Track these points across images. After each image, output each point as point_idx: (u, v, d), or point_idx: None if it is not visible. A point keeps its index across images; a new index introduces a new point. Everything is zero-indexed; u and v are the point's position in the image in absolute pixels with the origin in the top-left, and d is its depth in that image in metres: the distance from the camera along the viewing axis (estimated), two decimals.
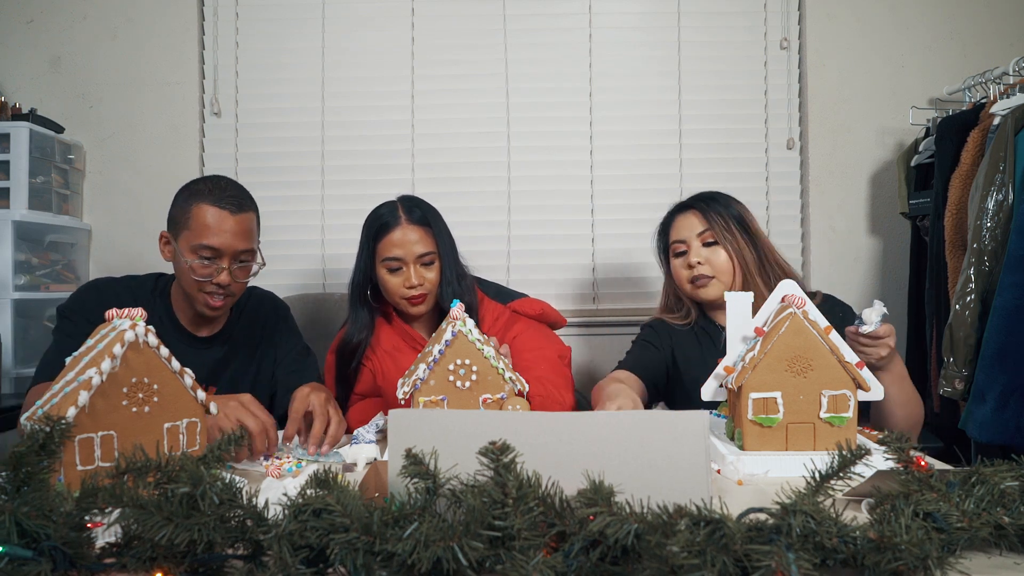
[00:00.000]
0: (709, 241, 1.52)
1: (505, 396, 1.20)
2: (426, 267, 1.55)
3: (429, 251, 1.54)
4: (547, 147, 2.45)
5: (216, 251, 1.35)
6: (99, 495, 0.61)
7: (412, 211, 1.57)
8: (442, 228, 1.59)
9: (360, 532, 0.56)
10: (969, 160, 1.90)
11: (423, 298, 1.55)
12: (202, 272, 1.37)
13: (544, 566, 0.54)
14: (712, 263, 1.51)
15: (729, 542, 0.51)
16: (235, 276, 1.39)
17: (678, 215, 1.60)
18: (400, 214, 1.56)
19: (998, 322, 1.69)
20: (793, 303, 1.09)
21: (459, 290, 1.56)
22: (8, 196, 2.12)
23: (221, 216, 1.36)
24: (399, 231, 1.54)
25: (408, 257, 1.53)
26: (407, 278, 1.53)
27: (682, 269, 1.55)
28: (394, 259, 1.54)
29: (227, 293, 1.40)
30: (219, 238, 1.35)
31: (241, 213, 1.39)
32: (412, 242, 1.53)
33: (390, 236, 1.55)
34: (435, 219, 1.59)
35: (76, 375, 0.90)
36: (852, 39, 2.41)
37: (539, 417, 0.71)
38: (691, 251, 1.53)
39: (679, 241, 1.56)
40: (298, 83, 2.44)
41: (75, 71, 2.41)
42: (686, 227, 1.55)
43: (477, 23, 2.45)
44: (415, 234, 1.54)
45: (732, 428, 1.15)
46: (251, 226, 1.42)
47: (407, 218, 1.55)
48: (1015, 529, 0.67)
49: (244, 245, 1.39)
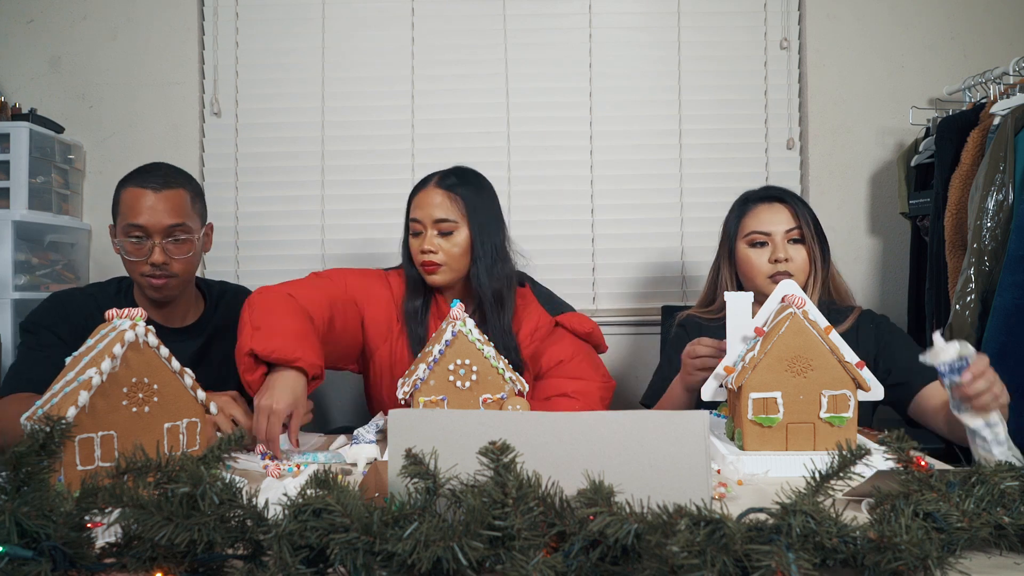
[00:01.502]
0: (795, 239, 1.50)
1: (505, 396, 1.20)
2: (445, 236, 1.48)
3: (448, 218, 1.47)
4: (547, 147, 2.45)
5: (143, 229, 1.36)
6: (99, 495, 0.61)
7: (447, 177, 1.51)
8: (480, 202, 1.51)
9: (360, 532, 0.56)
10: (969, 160, 1.90)
11: (436, 267, 1.47)
12: (135, 253, 1.37)
13: (544, 566, 0.54)
14: (795, 261, 1.49)
15: (729, 542, 0.51)
16: (170, 253, 1.38)
17: (761, 204, 1.55)
18: (434, 178, 1.52)
19: (998, 322, 1.69)
20: (793, 303, 1.09)
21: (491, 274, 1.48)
22: (8, 196, 2.12)
23: (143, 194, 1.36)
24: (425, 193, 1.50)
25: (426, 220, 1.48)
26: (422, 241, 1.48)
27: (763, 262, 1.50)
28: (414, 220, 1.50)
29: (167, 273, 1.38)
30: (143, 216, 1.35)
31: (166, 190, 1.38)
32: (432, 205, 1.48)
33: (417, 197, 1.52)
34: (473, 191, 1.51)
35: (76, 375, 0.90)
36: (852, 39, 2.41)
37: (539, 417, 0.71)
38: (777, 246, 1.49)
39: (762, 232, 1.51)
40: (298, 83, 2.44)
41: (75, 71, 2.41)
42: (773, 220, 1.51)
43: (477, 23, 2.45)
44: (438, 198, 1.48)
45: (732, 428, 1.15)
46: (180, 202, 1.39)
47: (439, 182, 1.51)
48: (1015, 529, 0.67)
49: (171, 220, 1.37)
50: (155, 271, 1.37)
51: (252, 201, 2.45)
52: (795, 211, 1.51)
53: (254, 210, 2.45)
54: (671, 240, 2.44)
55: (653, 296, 2.43)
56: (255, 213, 2.45)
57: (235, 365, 1.53)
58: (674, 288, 2.44)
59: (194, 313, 1.54)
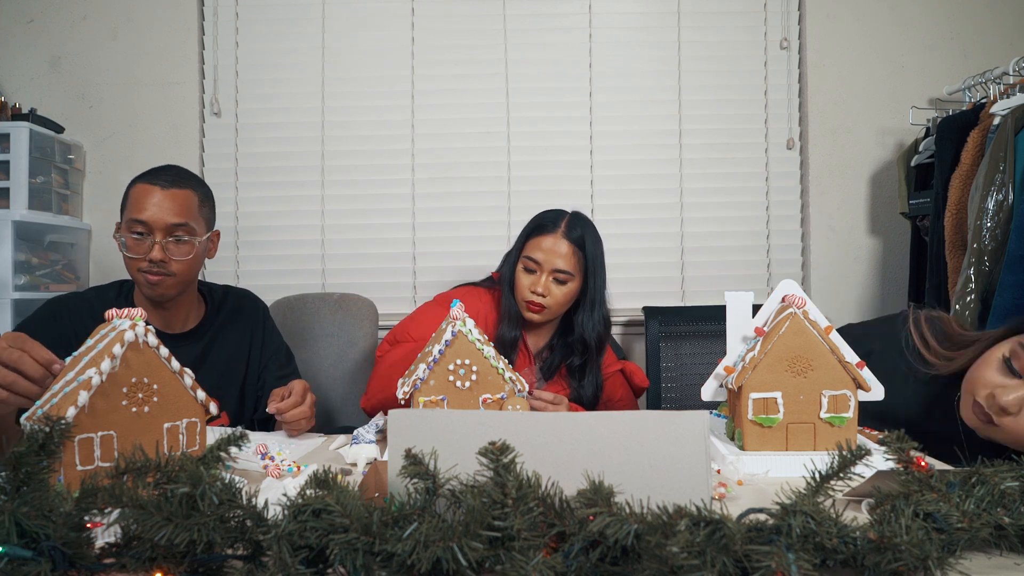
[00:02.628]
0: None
1: (505, 396, 1.19)
2: (558, 283, 1.59)
3: (567, 270, 1.58)
4: (547, 147, 2.45)
5: (145, 225, 1.35)
6: (99, 495, 0.60)
7: (573, 228, 1.61)
8: (596, 256, 1.63)
9: (360, 532, 0.56)
10: (969, 160, 1.90)
11: (541, 308, 1.58)
12: (135, 249, 1.36)
13: (544, 566, 0.54)
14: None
15: (729, 542, 0.51)
16: (170, 252, 1.36)
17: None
18: (562, 225, 1.61)
19: (998, 322, 1.69)
20: (793, 303, 1.09)
21: (590, 320, 1.62)
22: (8, 196, 2.12)
23: (150, 191, 1.36)
24: (550, 239, 1.59)
25: (546, 265, 1.58)
26: (536, 282, 1.57)
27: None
28: (533, 260, 1.59)
29: (164, 272, 1.37)
30: (147, 211, 1.34)
31: (173, 188, 1.38)
32: (556, 254, 1.57)
33: (540, 239, 1.60)
34: (593, 246, 1.62)
35: (76, 375, 0.90)
36: (852, 39, 2.41)
37: (539, 417, 0.71)
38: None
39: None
40: (298, 83, 2.45)
41: (75, 71, 2.41)
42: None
43: (477, 23, 2.45)
44: (564, 248, 1.58)
45: (732, 428, 1.15)
46: (186, 202, 1.39)
47: (566, 232, 1.60)
48: (1015, 529, 0.66)
49: (175, 219, 1.36)
50: (152, 268, 1.36)
51: (252, 201, 2.45)
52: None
53: (254, 210, 2.45)
54: (671, 240, 2.44)
55: (653, 296, 2.43)
56: (255, 213, 2.45)
57: (235, 369, 1.54)
58: (674, 288, 2.44)
59: (195, 318, 1.53)
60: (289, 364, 1.63)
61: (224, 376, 1.52)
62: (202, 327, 1.52)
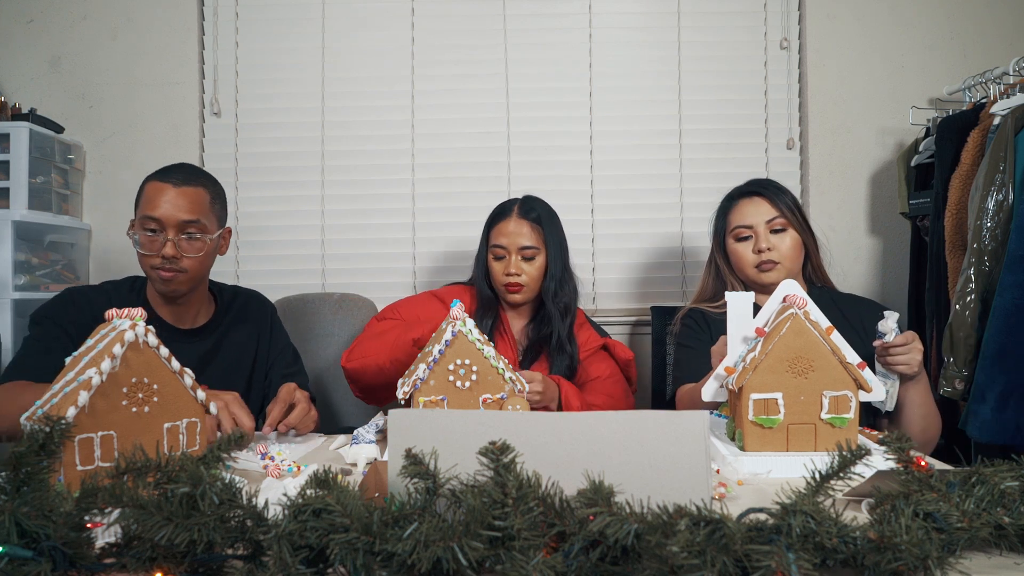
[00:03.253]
0: (778, 228, 1.55)
1: (505, 396, 1.20)
2: (527, 261, 1.69)
3: (532, 245, 1.68)
4: (547, 147, 2.45)
5: (158, 222, 1.37)
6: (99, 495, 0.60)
7: (528, 208, 1.72)
8: (553, 230, 1.72)
9: (360, 532, 0.56)
10: (969, 160, 1.90)
11: (519, 288, 1.68)
12: (148, 246, 1.38)
13: (544, 566, 0.54)
14: (779, 249, 1.55)
15: (729, 542, 0.51)
16: (182, 249, 1.39)
17: (741, 199, 1.62)
18: (515, 208, 1.72)
19: (998, 322, 1.69)
20: (794, 303, 1.09)
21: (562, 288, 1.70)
22: (8, 196, 2.12)
23: (163, 188, 1.38)
24: (508, 222, 1.70)
25: (511, 247, 1.68)
26: (507, 265, 1.68)
27: (748, 253, 1.57)
28: (499, 247, 1.70)
29: (176, 268, 1.39)
30: (159, 209, 1.37)
31: (185, 186, 1.40)
32: (516, 233, 1.68)
33: (501, 225, 1.71)
34: (548, 221, 1.72)
35: (76, 375, 0.90)
36: (852, 39, 2.41)
37: (539, 417, 0.71)
38: (759, 237, 1.56)
39: (744, 226, 1.58)
40: (298, 83, 2.44)
41: (75, 71, 2.41)
42: (753, 212, 1.58)
43: (477, 23, 2.45)
44: (525, 228, 1.69)
45: (733, 429, 1.15)
46: (198, 200, 1.41)
47: (519, 212, 1.71)
48: (1015, 529, 0.66)
49: (187, 216, 1.38)
50: (164, 264, 1.38)
51: (252, 201, 2.45)
52: (774, 202, 1.57)
53: (254, 210, 2.45)
54: (671, 240, 2.44)
55: (653, 296, 2.43)
56: (255, 213, 2.45)
57: (243, 366, 1.56)
58: (674, 288, 2.44)
59: (204, 315, 1.54)
60: (295, 363, 1.65)
61: (231, 372, 1.54)
62: (212, 324, 1.54)
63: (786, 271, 1.54)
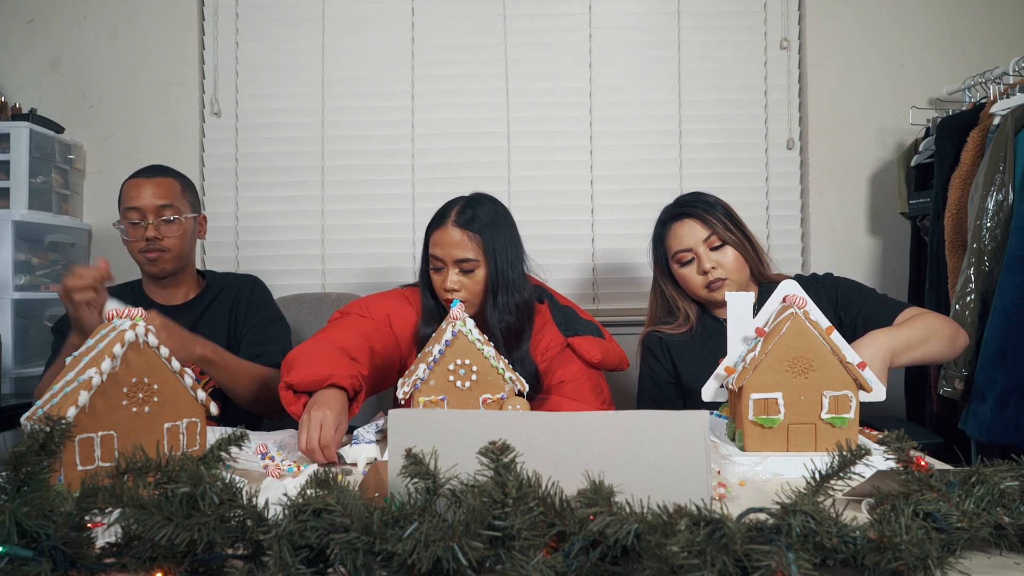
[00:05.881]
0: (716, 245, 1.53)
1: (505, 396, 1.20)
2: (466, 273, 1.48)
3: (469, 258, 1.47)
4: (547, 147, 2.45)
5: (138, 211, 1.55)
6: (99, 495, 0.61)
7: (464, 212, 1.49)
8: (496, 237, 1.49)
9: (360, 532, 0.56)
10: (969, 160, 1.90)
11: None
12: (133, 234, 1.57)
13: (544, 566, 0.54)
14: (723, 265, 1.52)
15: (729, 542, 0.51)
16: (162, 232, 1.56)
17: (674, 224, 1.58)
18: (452, 214, 1.50)
19: (998, 322, 1.69)
20: (794, 303, 1.09)
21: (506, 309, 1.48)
22: (8, 196, 2.12)
23: (138, 183, 1.58)
24: (443, 231, 1.48)
25: (447, 259, 1.48)
26: (444, 279, 1.49)
27: (695, 276, 1.54)
28: (436, 258, 1.50)
29: (160, 248, 1.57)
30: (138, 199, 1.56)
31: (156, 177, 1.59)
32: (452, 244, 1.47)
33: (436, 234, 1.50)
34: (489, 227, 1.49)
35: (76, 375, 0.90)
36: (852, 39, 2.41)
37: (539, 417, 0.71)
38: (701, 258, 1.52)
39: (684, 251, 1.54)
40: (298, 83, 2.44)
41: (75, 71, 2.41)
42: (688, 235, 1.54)
43: (477, 23, 2.45)
44: (458, 237, 1.47)
45: (733, 429, 1.15)
46: (169, 187, 1.59)
47: (456, 219, 1.48)
48: (1015, 529, 0.66)
49: (161, 201, 1.57)
50: (149, 246, 1.56)
51: (252, 201, 2.46)
52: (704, 220, 1.53)
53: (254, 210, 2.45)
54: None
55: None
56: (255, 213, 2.45)
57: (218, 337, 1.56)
58: None
59: (192, 294, 1.69)
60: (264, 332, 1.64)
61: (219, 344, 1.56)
62: (195, 301, 1.67)
63: (735, 284, 1.52)
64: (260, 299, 1.71)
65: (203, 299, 1.67)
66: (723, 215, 1.55)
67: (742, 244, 1.53)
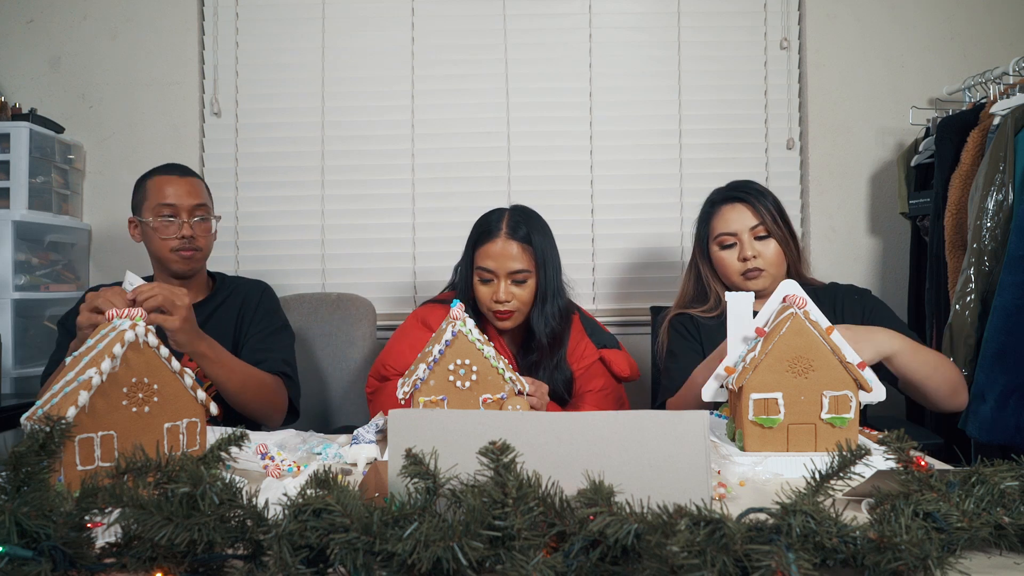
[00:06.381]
0: (761, 235, 1.53)
1: (505, 396, 1.20)
2: (518, 284, 1.53)
3: (523, 268, 1.52)
4: (547, 147, 2.45)
5: (173, 207, 1.55)
6: (99, 495, 0.60)
7: (517, 226, 1.54)
8: (547, 248, 1.56)
9: (360, 532, 0.56)
10: (969, 160, 1.90)
11: (509, 315, 1.55)
12: (166, 231, 1.55)
13: (544, 566, 0.54)
14: (764, 256, 1.52)
15: (729, 542, 0.51)
16: (196, 230, 1.57)
17: (724, 206, 1.57)
18: (503, 226, 1.54)
19: (998, 322, 1.69)
20: (794, 303, 1.09)
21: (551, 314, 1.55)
22: (8, 196, 2.12)
23: (170, 180, 1.57)
24: (498, 243, 1.52)
25: (500, 271, 1.52)
26: (496, 291, 1.52)
27: (734, 262, 1.54)
28: (487, 270, 1.53)
29: (193, 247, 1.57)
30: (173, 196, 1.55)
31: (187, 176, 1.59)
32: (507, 257, 1.51)
33: (487, 247, 1.54)
34: (540, 237, 1.55)
35: (76, 375, 0.90)
36: (852, 39, 2.41)
37: (539, 417, 0.71)
38: (744, 245, 1.53)
39: (728, 234, 1.55)
40: (298, 83, 2.44)
41: (75, 71, 2.41)
42: (736, 220, 1.54)
43: (477, 23, 2.45)
44: (514, 250, 1.52)
45: (733, 429, 1.15)
46: (200, 187, 1.61)
47: (509, 232, 1.53)
48: (1015, 529, 0.66)
49: (196, 200, 1.57)
50: (184, 244, 1.55)
51: (252, 201, 2.46)
52: (756, 209, 1.53)
53: (254, 210, 2.45)
54: (671, 240, 2.44)
55: (653, 296, 2.43)
56: (255, 213, 2.45)
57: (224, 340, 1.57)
58: (673, 288, 2.43)
59: (201, 295, 1.66)
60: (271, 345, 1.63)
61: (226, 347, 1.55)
62: (206, 302, 1.65)
63: (771, 277, 1.52)
64: (268, 306, 1.70)
65: (212, 301, 1.66)
66: (773, 207, 1.55)
67: (786, 240, 1.54)
